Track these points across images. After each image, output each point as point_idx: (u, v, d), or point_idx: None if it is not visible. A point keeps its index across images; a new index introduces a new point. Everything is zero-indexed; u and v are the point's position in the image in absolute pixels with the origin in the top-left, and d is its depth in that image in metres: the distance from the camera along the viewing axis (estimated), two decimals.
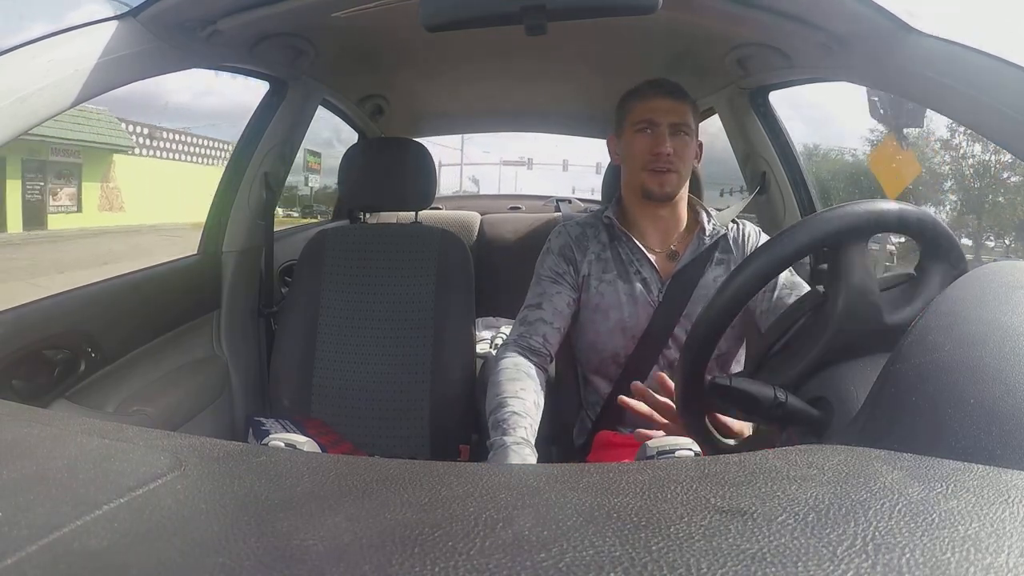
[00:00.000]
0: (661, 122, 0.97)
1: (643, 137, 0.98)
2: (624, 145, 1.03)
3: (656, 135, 0.97)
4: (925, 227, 0.49)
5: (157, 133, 15.27)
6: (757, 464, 0.28)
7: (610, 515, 0.23)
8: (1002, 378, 0.29)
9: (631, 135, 1.00)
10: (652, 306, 0.99)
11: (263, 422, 1.20)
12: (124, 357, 1.07)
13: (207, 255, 1.35)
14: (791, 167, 1.45)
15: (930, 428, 0.29)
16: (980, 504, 0.22)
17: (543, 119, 2.24)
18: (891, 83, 0.84)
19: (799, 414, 0.46)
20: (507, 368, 0.91)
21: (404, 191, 1.35)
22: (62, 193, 12.94)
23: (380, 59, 1.40)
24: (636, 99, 1.01)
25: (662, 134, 0.97)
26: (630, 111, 1.01)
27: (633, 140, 0.99)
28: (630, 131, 1.00)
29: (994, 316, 0.33)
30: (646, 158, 0.97)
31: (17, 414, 0.38)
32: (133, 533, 0.22)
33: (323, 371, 1.28)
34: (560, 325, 0.98)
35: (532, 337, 0.96)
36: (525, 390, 0.88)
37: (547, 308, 0.98)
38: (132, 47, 0.80)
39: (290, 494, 0.26)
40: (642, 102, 1.00)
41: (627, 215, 1.05)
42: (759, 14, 0.90)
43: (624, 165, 1.04)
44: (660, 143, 0.96)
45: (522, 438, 0.80)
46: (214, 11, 0.90)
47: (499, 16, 0.74)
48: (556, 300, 0.99)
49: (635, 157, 0.99)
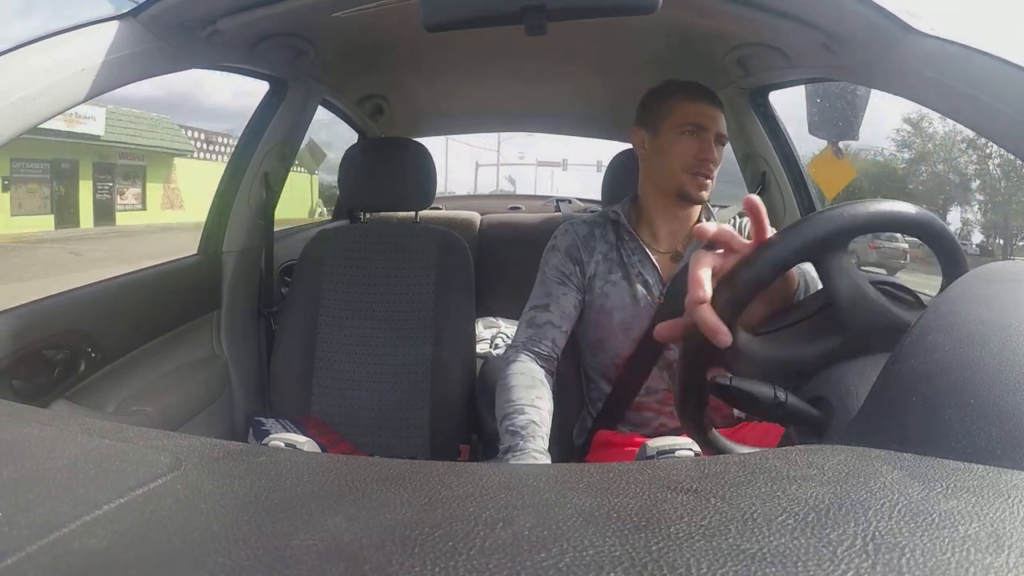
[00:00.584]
0: (710, 129, 0.97)
1: (690, 140, 0.96)
2: (662, 142, 0.99)
3: (703, 141, 0.96)
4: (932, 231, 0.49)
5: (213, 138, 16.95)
6: (757, 464, 0.28)
7: (610, 515, 0.23)
8: (1002, 378, 0.29)
9: (675, 135, 0.97)
10: (653, 308, 0.99)
11: (263, 422, 1.20)
12: (124, 357, 1.07)
13: (207, 255, 1.35)
14: (791, 167, 1.45)
15: (930, 428, 0.29)
16: (980, 504, 0.22)
17: (543, 119, 2.24)
18: (891, 83, 0.84)
19: (799, 414, 0.46)
20: (522, 374, 0.91)
21: (404, 191, 1.35)
22: (128, 193, 14.70)
23: (380, 59, 1.40)
24: (682, 99, 0.98)
25: (709, 141, 0.97)
26: (674, 110, 0.98)
27: (678, 140, 0.97)
28: (674, 130, 0.97)
29: (994, 316, 0.33)
30: (691, 162, 0.96)
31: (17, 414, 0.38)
32: (133, 533, 0.22)
33: (323, 371, 1.28)
34: (567, 328, 0.98)
35: (542, 342, 0.96)
36: (541, 398, 0.88)
37: (555, 311, 0.98)
38: (132, 47, 0.80)
39: (290, 494, 0.26)
40: (690, 104, 0.98)
41: (642, 213, 1.04)
42: (759, 14, 0.90)
43: (657, 162, 1.00)
44: (708, 150, 0.96)
45: (543, 448, 0.81)
46: (214, 11, 0.90)
47: (499, 16, 0.74)
48: (563, 302, 0.99)
49: (678, 158, 0.97)
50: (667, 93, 1.01)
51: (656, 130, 1.00)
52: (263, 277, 1.47)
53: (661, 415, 1.01)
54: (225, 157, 16.86)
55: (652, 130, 1.01)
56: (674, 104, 0.99)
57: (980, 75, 0.70)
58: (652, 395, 1.00)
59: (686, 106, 0.98)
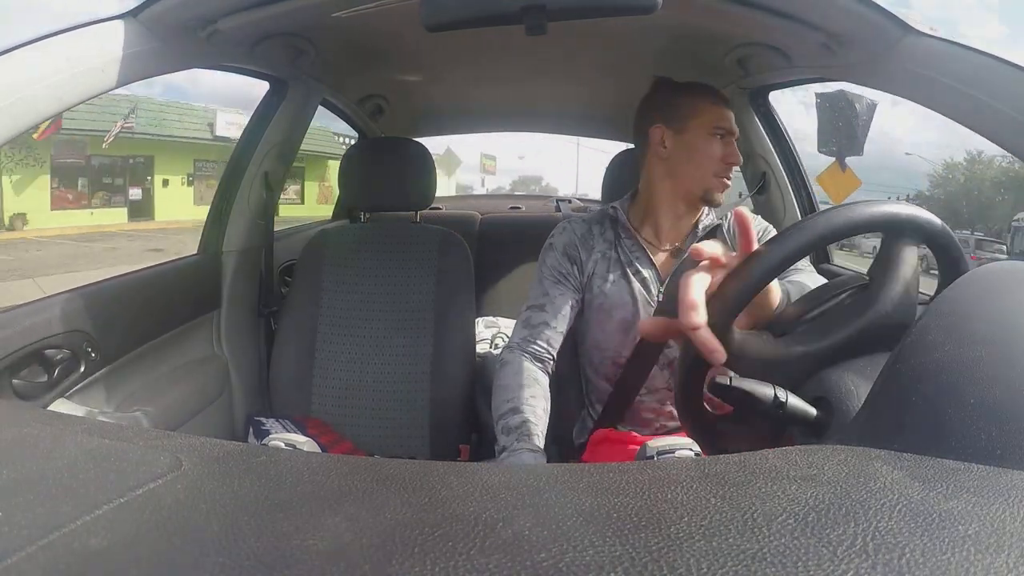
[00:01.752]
0: (734, 133, 0.98)
1: (719, 143, 0.96)
2: (691, 142, 0.97)
3: (729, 144, 0.97)
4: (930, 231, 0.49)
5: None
6: (757, 464, 0.28)
7: (610, 515, 0.23)
8: (1002, 378, 0.28)
9: (705, 136, 0.97)
10: (652, 305, 0.98)
11: (263, 422, 1.20)
12: (124, 357, 1.07)
13: (207, 255, 1.35)
14: (791, 167, 1.45)
15: (930, 428, 0.29)
16: (980, 504, 0.22)
17: (543, 119, 2.24)
18: (891, 83, 0.84)
19: (799, 414, 0.46)
20: (516, 373, 0.91)
21: (404, 191, 1.35)
22: (290, 189, 17.00)
23: (380, 59, 1.40)
24: (709, 101, 0.98)
25: (733, 145, 0.97)
26: (702, 111, 0.97)
27: (709, 142, 0.96)
28: (703, 132, 0.97)
29: (994, 316, 0.33)
30: (719, 166, 0.96)
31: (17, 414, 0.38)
32: (133, 533, 0.22)
33: (323, 371, 1.28)
34: (563, 329, 0.98)
35: (536, 341, 0.96)
36: (535, 397, 0.88)
37: (550, 310, 0.98)
38: (132, 47, 0.80)
39: (290, 494, 0.26)
40: (717, 107, 0.98)
41: (648, 212, 1.03)
42: (759, 14, 0.90)
43: (683, 162, 0.98)
44: (735, 155, 0.97)
45: (537, 447, 0.81)
46: (214, 11, 0.89)
47: (499, 16, 0.74)
48: (559, 302, 0.99)
49: (708, 160, 0.96)
50: (692, 93, 1.00)
51: (683, 129, 0.98)
52: (263, 277, 1.48)
53: (661, 416, 1.00)
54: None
55: (677, 128, 0.99)
56: (702, 106, 0.98)
57: (980, 75, 0.70)
58: (652, 395, 1.00)
59: (714, 108, 0.98)
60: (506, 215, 2.35)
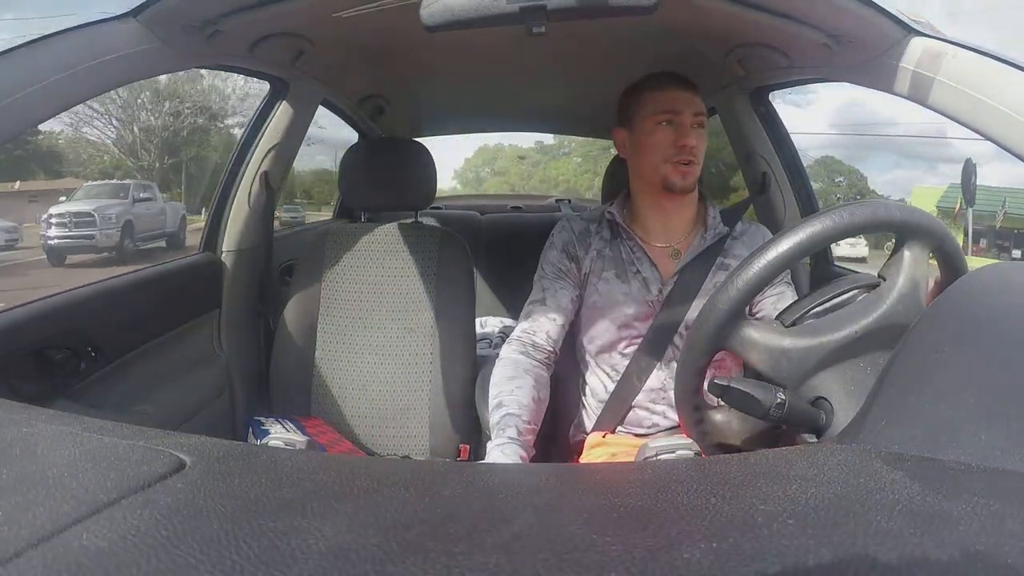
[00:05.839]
0: (684, 112, 0.95)
1: (666, 129, 0.96)
2: (640, 137, 0.99)
3: (679, 127, 0.95)
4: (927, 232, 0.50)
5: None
6: (757, 464, 0.28)
7: (610, 515, 0.23)
8: (1001, 378, 0.28)
9: (651, 126, 0.97)
10: (652, 306, 0.98)
11: (263, 422, 1.20)
12: (124, 357, 1.07)
13: (207, 255, 1.35)
14: (791, 167, 1.45)
15: (930, 428, 0.29)
16: (980, 504, 0.22)
17: (543, 119, 2.25)
18: (891, 83, 0.84)
19: (799, 414, 0.46)
20: (505, 366, 0.92)
21: (404, 191, 1.35)
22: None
23: (380, 59, 1.40)
24: (652, 90, 0.98)
25: (685, 125, 0.95)
26: (645, 102, 0.98)
27: (654, 132, 0.96)
28: (649, 122, 0.97)
29: (994, 316, 0.33)
30: (669, 151, 0.95)
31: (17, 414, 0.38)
32: (133, 533, 0.22)
33: (323, 371, 1.28)
34: (563, 322, 0.99)
35: (535, 334, 0.97)
36: (521, 388, 0.89)
37: (550, 303, 0.99)
38: (132, 47, 0.80)
39: (290, 494, 0.26)
40: (661, 93, 0.97)
41: (635, 211, 1.04)
42: (759, 14, 0.90)
43: (639, 157, 1.00)
44: (685, 135, 0.95)
45: (510, 438, 0.81)
46: (214, 11, 0.89)
47: (499, 16, 0.73)
48: (559, 295, 0.99)
49: (656, 149, 0.96)
50: (639, 87, 1.01)
51: (632, 126, 1.00)
52: (263, 277, 1.48)
53: (654, 414, 1.00)
54: None
55: (629, 127, 1.01)
56: (645, 96, 0.98)
57: (980, 75, 0.70)
58: (651, 394, 1.00)
59: (657, 95, 0.97)
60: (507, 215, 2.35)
